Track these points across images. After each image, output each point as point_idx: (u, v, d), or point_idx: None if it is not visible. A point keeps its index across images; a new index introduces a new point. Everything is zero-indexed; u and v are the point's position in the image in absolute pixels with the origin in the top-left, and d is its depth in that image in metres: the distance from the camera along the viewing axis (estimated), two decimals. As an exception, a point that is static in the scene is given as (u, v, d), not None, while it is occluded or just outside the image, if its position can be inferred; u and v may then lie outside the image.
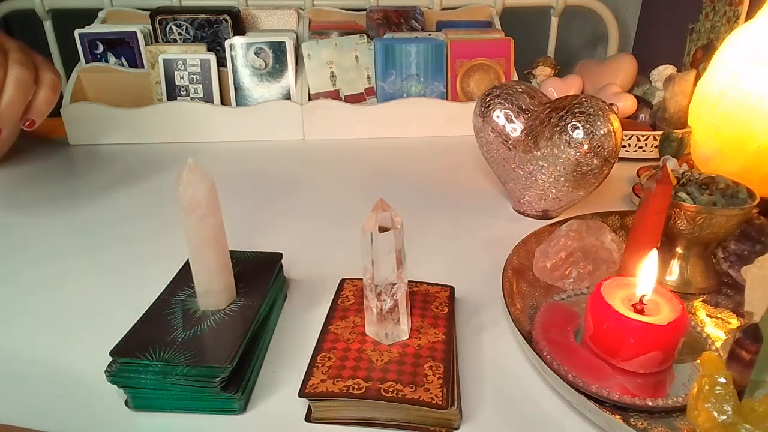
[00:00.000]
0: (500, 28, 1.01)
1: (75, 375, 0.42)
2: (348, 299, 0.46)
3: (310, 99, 0.91)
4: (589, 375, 0.39)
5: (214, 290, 0.42)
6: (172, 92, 0.90)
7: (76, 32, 0.91)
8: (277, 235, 0.63)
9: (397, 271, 0.39)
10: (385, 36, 0.95)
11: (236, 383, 0.38)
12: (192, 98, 0.90)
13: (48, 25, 1.05)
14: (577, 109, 0.57)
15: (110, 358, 0.38)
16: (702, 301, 0.50)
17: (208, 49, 0.91)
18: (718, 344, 0.43)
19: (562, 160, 0.58)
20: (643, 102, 0.87)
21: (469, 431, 0.37)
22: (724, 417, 0.29)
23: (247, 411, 0.39)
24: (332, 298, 0.47)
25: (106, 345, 0.38)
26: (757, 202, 0.49)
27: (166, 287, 0.46)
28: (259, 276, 0.47)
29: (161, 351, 0.38)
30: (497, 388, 0.41)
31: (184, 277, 0.47)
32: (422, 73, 0.92)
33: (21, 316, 0.49)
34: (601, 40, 1.24)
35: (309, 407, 0.38)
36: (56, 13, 1.05)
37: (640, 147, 0.80)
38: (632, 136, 0.80)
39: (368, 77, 0.93)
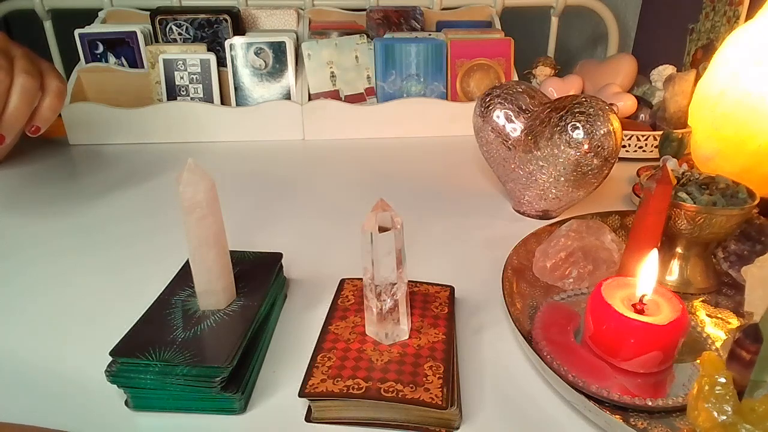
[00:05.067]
0: (500, 28, 1.01)
1: (75, 375, 0.42)
2: (348, 299, 0.46)
3: (310, 99, 0.91)
4: (589, 375, 0.39)
5: (214, 290, 0.42)
6: (172, 92, 0.90)
7: (76, 32, 0.91)
8: (277, 235, 0.63)
9: (397, 271, 0.39)
10: (385, 36, 0.95)
11: (236, 383, 0.38)
12: (192, 98, 0.90)
13: (48, 25, 1.05)
14: (577, 109, 0.57)
15: (110, 358, 0.38)
16: (702, 301, 0.50)
17: (208, 49, 0.91)
18: (718, 344, 0.43)
19: (562, 160, 0.58)
20: (643, 102, 0.87)
21: (469, 431, 0.37)
22: (724, 417, 0.29)
23: (247, 411, 0.39)
24: (332, 298, 0.47)
25: (106, 345, 0.38)
26: (757, 202, 0.49)
27: (166, 287, 0.46)
28: (259, 276, 0.47)
29: (161, 351, 0.38)
30: (497, 388, 0.41)
31: (184, 277, 0.47)
32: (422, 73, 0.92)
33: (21, 315, 0.49)
34: (601, 40, 1.24)
35: (309, 407, 0.38)
36: (56, 13, 1.05)
37: (640, 147, 0.80)
38: (632, 136, 0.80)
39: (368, 77, 0.93)
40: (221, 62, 0.90)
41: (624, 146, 0.80)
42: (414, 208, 0.68)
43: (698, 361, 0.36)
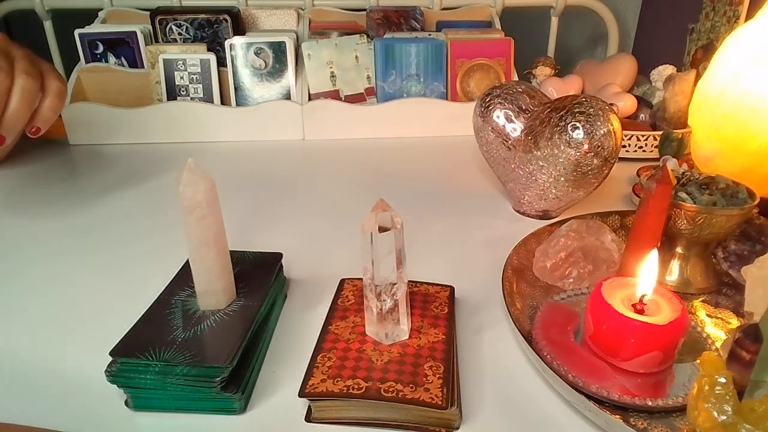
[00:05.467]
0: (500, 28, 1.01)
1: (75, 375, 0.42)
2: (348, 299, 0.46)
3: (310, 99, 0.91)
4: (589, 375, 0.39)
5: (214, 290, 0.42)
6: (172, 92, 0.90)
7: (76, 32, 0.91)
8: (277, 235, 0.63)
9: (397, 271, 0.39)
10: (385, 36, 0.95)
11: (236, 383, 0.38)
12: (192, 98, 0.90)
13: (48, 25, 1.05)
14: (577, 109, 0.57)
15: (110, 358, 0.38)
16: (702, 301, 0.50)
17: (208, 49, 0.91)
18: (718, 344, 0.43)
19: (562, 160, 0.58)
20: (643, 102, 0.87)
21: (469, 431, 0.37)
22: (724, 417, 0.29)
23: (247, 411, 0.39)
24: (332, 298, 0.47)
25: (106, 345, 0.38)
26: (757, 202, 0.49)
27: (166, 287, 0.46)
28: (259, 276, 0.47)
29: (161, 351, 0.38)
30: (497, 388, 0.41)
31: (184, 277, 0.47)
32: (422, 73, 0.92)
33: (21, 315, 0.49)
34: (601, 40, 1.24)
35: (309, 407, 0.38)
36: (56, 13, 1.05)
37: (640, 147, 0.80)
38: (632, 136, 0.80)
39: (368, 77, 0.93)
40: (221, 62, 0.90)
41: (624, 146, 0.80)
42: (414, 208, 0.68)
43: (698, 361, 0.36)
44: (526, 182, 0.63)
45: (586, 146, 0.57)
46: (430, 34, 0.95)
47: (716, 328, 0.47)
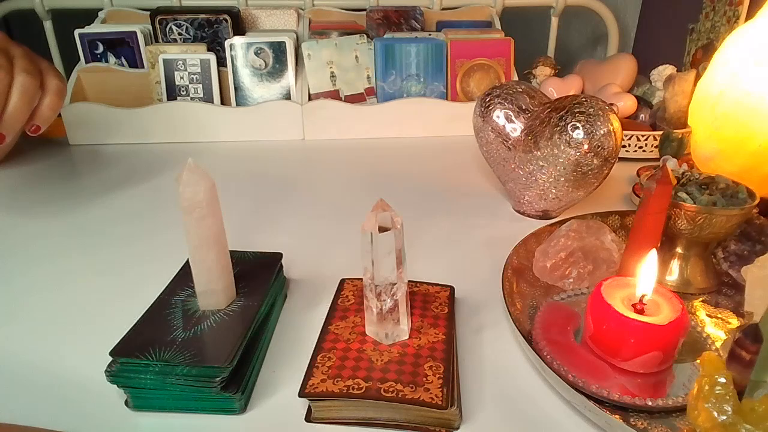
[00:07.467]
0: (500, 28, 1.01)
1: (75, 375, 0.42)
2: (348, 299, 0.46)
3: (310, 99, 0.91)
4: (589, 375, 0.39)
5: (214, 290, 0.42)
6: (172, 92, 0.90)
7: (76, 32, 0.91)
8: (277, 235, 0.63)
9: (397, 271, 0.39)
10: (385, 36, 0.95)
11: (236, 383, 0.38)
12: (192, 98, 0.90)
13: (48, 25, 1.05)
14: (577, 109, 0.57)
15: (110, 358, 0.38)
16: (702, 301, 0.50)
17: (208, 49, 0.91)
18: (718, 344, 0.43)
19: (562, 160, 0.58)
20: (643, 102, 0.87)
21: (469, 431, 0.37)
22: (724, 417, 0.29)
23: (247, 411, 0.39)
24: (332, 298, 0.47)
25: (106, 345, 0.38)
26: (757, 202, 0.49)
27: (166, 287, 0.46)
28: (259, 276, 0.47)
29: (161, 351, 0.38)
30: (497, 388, 0.41)
31: (184, 277, 0.47)
32: (422, 73, 0.92)
33: (21, 316, 0.49)
34: (601, 40, 1.24)
35: (309, 407, 0.38)
36: (56, 13, 1.05)
37: (640, 147, 0.80)
38: (632, 136, 0.80)
39: (368, 77, 0.93)
40: (221, 62, 0.90)
41: (624, 146, 0.80)
42: (414, 208, 0.68)
43: (698, 361, 0.36)
44: (526, 182, 0.63)
45: (586, 146, 0.57)
46: (430, 34, 0.95)
47: (716, 328, 0.47)
